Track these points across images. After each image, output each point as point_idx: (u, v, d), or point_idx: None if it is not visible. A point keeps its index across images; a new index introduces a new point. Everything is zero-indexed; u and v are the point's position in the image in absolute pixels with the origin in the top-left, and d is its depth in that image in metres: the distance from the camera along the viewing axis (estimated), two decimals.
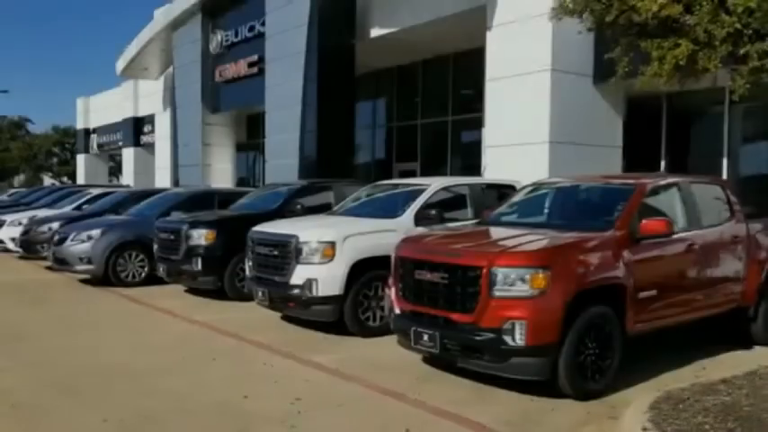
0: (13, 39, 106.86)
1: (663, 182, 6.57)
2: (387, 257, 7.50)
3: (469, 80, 17.41)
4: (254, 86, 18.14)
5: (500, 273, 5.24)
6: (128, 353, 7.14)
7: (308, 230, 7.76)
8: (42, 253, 13.74)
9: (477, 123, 16.89)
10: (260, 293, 8.07)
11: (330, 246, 7.51)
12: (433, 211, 8.13)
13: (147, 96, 29.10)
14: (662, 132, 13.30)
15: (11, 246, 15.75)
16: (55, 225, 13.76)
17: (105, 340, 7.79)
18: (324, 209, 10.76)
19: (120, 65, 25.89)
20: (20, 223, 15.57)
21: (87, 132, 37.77)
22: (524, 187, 7.62)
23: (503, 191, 9.34)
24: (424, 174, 17.78)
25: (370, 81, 19.35)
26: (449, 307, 5.55)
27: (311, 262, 7.56)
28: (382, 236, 7.78)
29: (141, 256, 11.75)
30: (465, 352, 5.50)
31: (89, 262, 11.56)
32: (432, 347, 5.64)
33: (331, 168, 14.92)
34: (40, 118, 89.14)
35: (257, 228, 8.51)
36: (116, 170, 46.27)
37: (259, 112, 19.87)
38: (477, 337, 5.32)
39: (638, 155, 12.88)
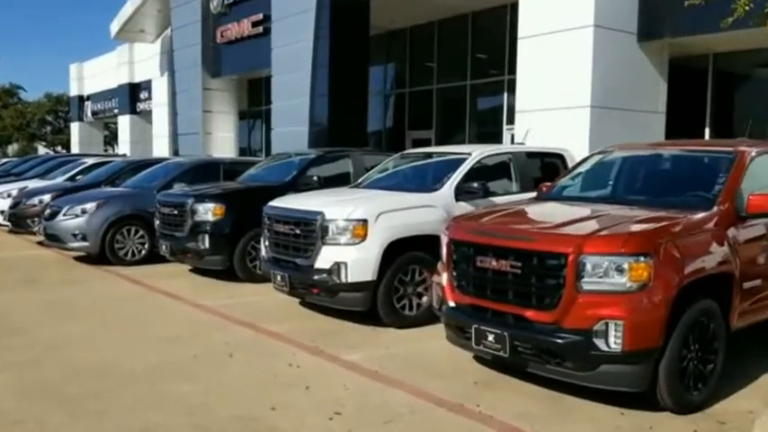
0: (3, 2, 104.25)
1: (763, 148, 5.52)
2: (425, 237, 6.58)
3: (490, 41, 16.29)
4: (258, 48, 16.94)
5: (590, 261, 4.25)
6: (129, 348, 6.16)
7: (334, 206, 6.74)
8: (33, 228, 12.73)
9: (499, 88, 15.82)
10: (278, 278, 7.07)
11: (361, 224, 6.49)
12: (476, 184, 7.10)
13: (143, 61, 27.83)
14: (707, 97, 12.23)
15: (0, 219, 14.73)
16: (46, 197, 12.74)
17: (103, 331, 6.80)
18: (341, 181, 9.81)
19: (115, 27, 24.56)
20: (9, 195, 14.51)
21: (81, 99, 36.45)
22: (590, 156, 6.57)
23: (548, 160, 8.34)
24: (441, 143, 16.74)
25: (381, 44, 18.15)
26: (521, 302, 4.56)
27: (339, 243, 6.55)
28: (420, 212, 6.80)
29: (141, 233, 10.73)
30: (541, 356, 4.51)
31: (83, 238, 10.54)
32: (499, 350, 4.66)
33: (343, 136, 13.83)
34: (33, 85, 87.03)
35: (275, 203, 7.49)
36: (111, 139, 45.07)
37: (263, 76, 18.72)
38: (559, 340, 4.34)
39: (680, 120, 11.82)
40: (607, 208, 5.22)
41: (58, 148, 49.68)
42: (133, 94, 29.60)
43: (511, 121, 15.55)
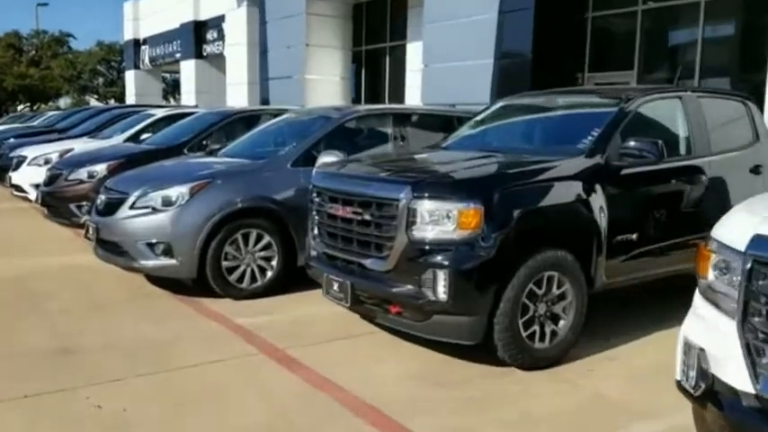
0: None
1: None
2: None
3: None
4: None
5: None
6: None
7: None
8: (80, 217, 8.01)
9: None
10: None
11: None
12: None
13: None
14: None
15: (33, 195, 10.12)
16: (100, 168, 8.03)
17: None
18: (668, 147, 5.00)
19: None
20: (45, 161, 9.91)
21: (137, 44, 31.85)
22: None
23: None
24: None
25: None
26: None
27: None
28: None
29: (266, 239, 5.89)
30: None
31: (167, 252, 5.69)
32: None
33: (554, 74, 8.76)
34: (84, 33, 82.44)
35: None
36: (171, 91, 40.92)
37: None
38: None
39: None
40: None
41: (111, 102, 45.79)
42: (199, 35, 24.87)
43: None
